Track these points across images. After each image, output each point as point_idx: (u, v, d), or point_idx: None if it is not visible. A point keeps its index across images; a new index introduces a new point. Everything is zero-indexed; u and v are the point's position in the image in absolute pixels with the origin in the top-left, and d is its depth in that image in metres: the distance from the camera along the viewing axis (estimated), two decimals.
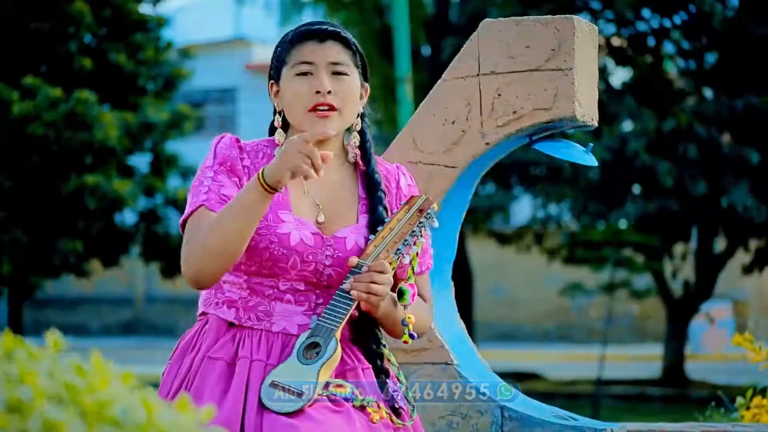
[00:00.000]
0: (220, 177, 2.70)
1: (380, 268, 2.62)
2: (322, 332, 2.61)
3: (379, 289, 2.61)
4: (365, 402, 2.62)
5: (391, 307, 2.69)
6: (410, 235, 2.67)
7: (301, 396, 2.55)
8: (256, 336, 2.67)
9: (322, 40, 2.72)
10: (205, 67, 20.59)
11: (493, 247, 18.62)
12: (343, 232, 2.73)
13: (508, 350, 19.73)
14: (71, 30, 12.33)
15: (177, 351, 2.74)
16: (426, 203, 2.69)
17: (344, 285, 2.64)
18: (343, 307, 2.63)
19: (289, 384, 2.57)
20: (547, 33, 3.48)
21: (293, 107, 2.72)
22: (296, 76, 2.71)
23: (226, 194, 2.67)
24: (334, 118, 2.70)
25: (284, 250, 2.66)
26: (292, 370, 2.59)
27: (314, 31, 2.73)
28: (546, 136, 3.62)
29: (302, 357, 2.60)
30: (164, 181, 13.24)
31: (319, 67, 2.70)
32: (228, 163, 2.71)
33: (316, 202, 2.74)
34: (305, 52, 2.71)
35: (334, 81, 2.70)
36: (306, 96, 2.69)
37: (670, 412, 11.87)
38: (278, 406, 2.54)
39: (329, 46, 2.72)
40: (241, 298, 2.71)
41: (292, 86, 2.71)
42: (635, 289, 15.97)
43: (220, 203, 2.66)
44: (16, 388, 1.43)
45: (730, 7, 13.42)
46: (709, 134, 12.95)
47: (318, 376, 2.57)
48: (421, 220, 2.68)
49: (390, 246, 2.67)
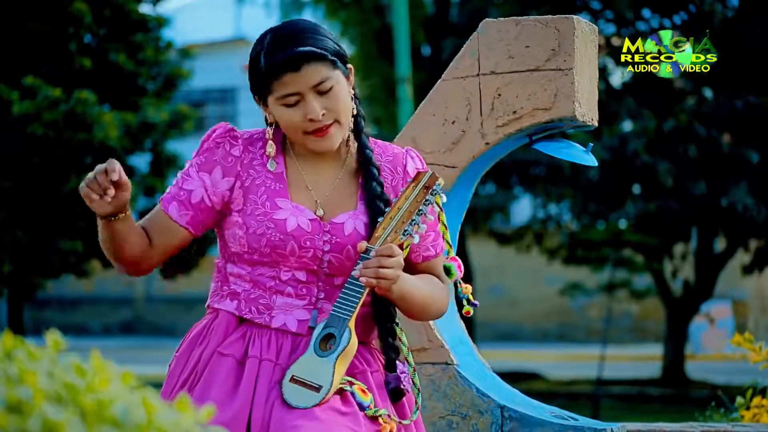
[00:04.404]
0: (190, 171, 2.75)
1: (388, 252, 2.61)
2: (336, 322, 2.62)
3: (388, 273, 2.60)
4: (378, 413, 2.63)
5: (407, 289, 2.67)
6: (417, 214, 2.65)
7: (319, 390, 2.56)
8: (266, 336, 2.68)
9: (296, 68, 2.64)
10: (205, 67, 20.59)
11: (493, 247, 18.62)
12: (341, 217, 2.72)
13: (508, 350, 19.73)
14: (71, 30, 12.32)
15: (185, 343, 2.75)
16: (431, 179, 2.66)
17: (354, 272, 2.63)
18: (354, 294, 2.62)
19: (307, 378, 2.58)
20: (547, 33, 3.48)
21: (290, 132, 2.72)
22: (285, 107, 2.68)
23: (185, 188, 2.73)
24: (334, 132, 2.70)
25: (281, 236, 2.67)
26: (309, 363, 2.59)
27: (287, 61, 2.64)
28: (546, 136, 3.62)
29: (318, 349, 2.60)
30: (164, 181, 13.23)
31: (304, 94, 2.66)
32: (203, 156, 2.75)
33: (315, 198, 2.74)
34: (286, 84, 2.65)
35: (323, 100, 2.66)
36: (300, 123, 2.68)
37: (669, 412, 11.87)
38: (297, 400, 2.56)
39: (306, 72, 2.64)
40: (244, 290, 2.72)
41: (284, 116, 2.69)
42: (635, 289, 15.99)
43: (172, 198, 2.74)
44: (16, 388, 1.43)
45: (730, 7, 13.42)
46: (709, 134, 12.94)
47: (334, 368, 2.58)
48: (427, 197, 2.66)
49: (398, 227, 2.65)
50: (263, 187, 2.72)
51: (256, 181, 2.72)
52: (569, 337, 23.46)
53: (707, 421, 4.52)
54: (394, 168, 2.80)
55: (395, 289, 2.64)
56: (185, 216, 2.73)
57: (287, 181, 2.73)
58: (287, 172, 2.75)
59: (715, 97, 13.33)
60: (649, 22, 13.79)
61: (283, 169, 2.75)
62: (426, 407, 3.56)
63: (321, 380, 2.57)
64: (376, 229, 2.66)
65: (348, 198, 2.76)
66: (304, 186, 2.74)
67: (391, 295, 2.66)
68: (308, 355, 2.61)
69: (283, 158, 2.76)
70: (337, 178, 2.77)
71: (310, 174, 2.75)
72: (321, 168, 2.77)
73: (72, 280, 17.65)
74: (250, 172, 2.73)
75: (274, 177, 2.73)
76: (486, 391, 3.53)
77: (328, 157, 2.77)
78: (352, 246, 2.69)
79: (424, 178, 2.67)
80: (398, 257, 2.62)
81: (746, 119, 12.97)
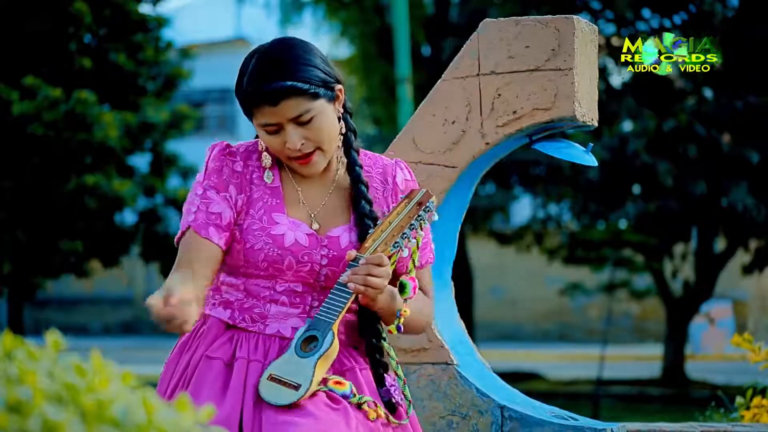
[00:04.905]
0: (209, 194, 2.71)
1: (377, 261, 2.62)
2: (320, 325, 2.62)
3: (376, 282, 2.61)
4: (362, 400, 2.63)
5: (390, 301, 2.69)
6: (409, 228, 2.67)
7: (297, 389, 2.56)
8: (253, 339, 2.69)
9: (274, 103, 2.63)
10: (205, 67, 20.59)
11: (493, 247, 18.62)
12: (336, 231, 2.73)
13: (508, 350, 19.73)
14: (71, 30, 12.32)
15: (175, 350, 2.76)
16: (425, 197, 2.68)
17: (342, 278, 2.64)
18: (340, 300, 2.63)
19: (286, 377, 2.57)
20: (547, 33, 3.48)
21: (275, 154, 2.73)
22: (266, 133, 2.68)
23: (213, 212, 2.70)
24: (317, 159, 2.70)
25: (279, 251, 2.67)
26: (289, 363, 2.59)
27: (265, 95, 2.63)
28: (546, 136, 3.62)
29: (299, 350, 2.60)
30: (164, 181, 13.24)
31: (283, 124, 2.66)
32: (214, 177, 2.72)
33: (309, 212, 2.75)
34: (264, 114, 2.65)
35: (303, 130, 2.66)
36: (280, 150, 2.68)
37: (670, 412, 11.87)
38: (275, 398, 2.55)
39: (284, 106, 2.63)
40: (237, 299, 2.73)
41: (266, 141, 2.70)
42: (635, 289, 15.99)
43: (206, 223, 2.68)
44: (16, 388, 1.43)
45: (730, 7, 13.41)
46: (709, 134, 12.94)
47: (315, 368, 2.58)
48: (419, 213, 2.67)
49: (388, 239, 2.67)
50: (260, 201, 2.72)
51: (254, 195, 2.73)
52: (569, 337, 23.46)
53: (707, 421, 4.52)
54: (384, 180, 2.82)
55: (380, 299, 2.65)
56: (223, 238, 2.71)
57: (283, 196, 2.74)
58: (283, 186, 2.76)
59: (715, 97, 13.33)
60: (649, 22, 13.79)
61: (279, 183, 2.75)
62: (426, 407, 3.56)
63: (300, 379, 2.57)
64: (366, 239, 2.67)
65: (341, 211, 2.77)
66: (298, 200, 2.75)
67: (375, 305, 2.67)
68: (288, 355, 2.61)
69: (277, 170, 2.77)
70: (328, 192, 2.78)
71: (303, 187, 2.76)
72: (312, 181, 2.77)
73: (72, 280, 17.68)
74: (251, 187, 2.74)
75: (271, 192, 2.74)
76: (486, 391, 3.53)
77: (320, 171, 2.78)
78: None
79: (417, 195, 2.69)
80: (387, 267, 2.63)
81: (746, 119, 12.97)
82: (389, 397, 2.71)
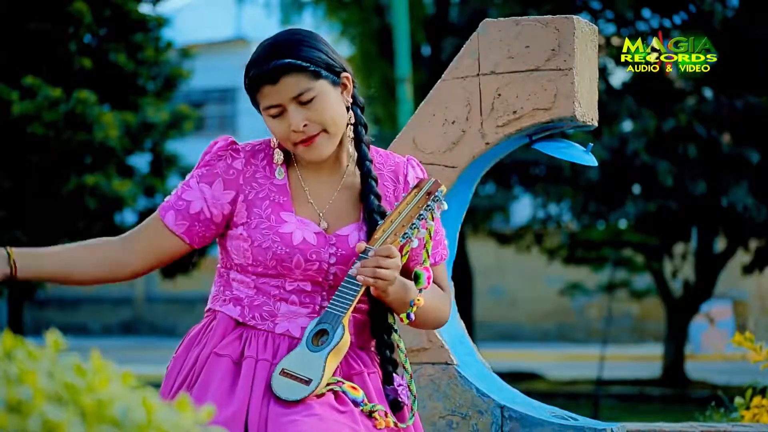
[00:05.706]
0: (191, 182, 2.75)
1: (386, 253, 2.60)
2: (330, 319, 2.62)
3: (386, 273, 2.59)
4: (374, 409, 2.63)
5: (402, 292, 2.67)
6: (418, 219, 2.65)
7: (308, 383, 2.56)
8: (263, 337, 2.68)
9: (274, 81, 2.64)
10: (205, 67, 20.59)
11: (492, 247, 18.63)
12: (346, 229, 2.73)
13: (507, 350, 19.73)
14: (71, 30, 12.32)
15: (182, 345, 2.76)
16: (434, 186, 2.66)
17: (351, 270, 2.63)
18: (350, 292, 2.62)
19: (298, 371, 2.57)
20: (547, 33, 3.48)
21: (282, 142, 2.73)
22: (271, 118, 2.69)
23: (184, 199, 2.74)
24: (321, 142, 2.69)
25: (287, 249, 2.67)
26: (300, 357, 2.59)
27: (263, 74, 2.65)
28: (546, 136, 3.62)
29: (311, 344, 2.60)
30: (164, 181, 13.23)
31: (285, 105, 2.66)
32: (204, 169, 2.75)
33: (317, 211, 2.74)
34: (266, 96, 2.66)
35: (305, 111, 2.66)
36: (285, 135, 2.68)
37: (670, 412, 11.87)
38: (287, 393, 2.56)
39: (284, 84, 2.64)
40: (247, 296, 2.72)
41: (272, 127, 2.70)
42: (635, 289, 15.97)
43: (170, 207, 2.75)
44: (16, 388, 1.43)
45: (730, 7, 13.42)
46: (709, 134, 12.94)
47: (326, 362, 2.58)
48: (428, 203, 2.66)
49: (398, 230, 2.65)
50: (267, 200, 2.71)
51: (260, 194, 2.72)
52: (569, 337, 23.46)
53: (707, 421, 4.52)
54: (395, 177, 2.81)
55: (391, 291, 2.64)
56: (181, 226, 2.73)
57: (290, 194, 2.74)
58: (290, 184, 2.75)
59: (715, 97, 13.33)
60: (649, 22, 13.79)
61: (287, 181, 2.74)
62: (426, 407, 3.56)
63: (311, 374, 2.57)
64: (376, 231, 2.66)
65: (350, 209, 2.76)
66: (306, 199, 2.75)
67: (387, 297, 2.66)
68: (300, 349, 2.61)
69: (286, 168, 2.76)
70: (336, 190, 2.76)
71: (310, 185, 2.75)
72: (321, 179, 2.76)
73: None
74: (253, 186, 2.73)
75: (278, 190, 2.73)
76: (486, 391, 3.53)
77: (328, 168, 2.76)
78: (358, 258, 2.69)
79: (426, 185, 2.67)
80: (396, 258, 2.62)
81: (746, 119, 12.97)
82: (396, 396, 2.71)
